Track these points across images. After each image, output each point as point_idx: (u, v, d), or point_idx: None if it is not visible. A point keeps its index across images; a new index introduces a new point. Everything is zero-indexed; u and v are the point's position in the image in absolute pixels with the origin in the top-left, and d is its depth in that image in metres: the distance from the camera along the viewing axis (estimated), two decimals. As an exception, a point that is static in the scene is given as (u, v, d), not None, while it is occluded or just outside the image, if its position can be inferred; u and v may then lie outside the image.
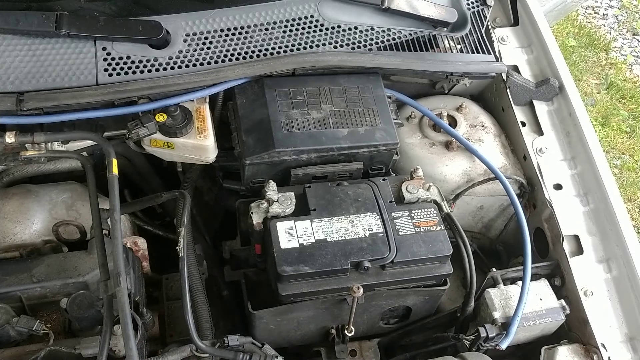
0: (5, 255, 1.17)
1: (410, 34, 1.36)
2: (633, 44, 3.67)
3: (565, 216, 1.29)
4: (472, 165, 1.36)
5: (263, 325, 1.13)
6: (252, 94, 1.24)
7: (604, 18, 3.81)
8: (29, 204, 1.21)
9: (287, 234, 1.08)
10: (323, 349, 1.22)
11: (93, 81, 1.13)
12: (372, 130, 1.23)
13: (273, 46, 1.24)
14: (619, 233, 1.24)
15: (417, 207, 1.15)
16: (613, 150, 3.04)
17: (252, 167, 1.19)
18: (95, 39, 1.15)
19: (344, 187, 1.18)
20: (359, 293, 1.05)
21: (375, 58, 1.29)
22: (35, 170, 1.31)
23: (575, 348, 1.18)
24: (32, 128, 1.13)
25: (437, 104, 1.47)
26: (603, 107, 3.22)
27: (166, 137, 1.16)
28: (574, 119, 1.39)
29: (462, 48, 1.42)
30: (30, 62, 1.12)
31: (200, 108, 1.21)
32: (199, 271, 1.17)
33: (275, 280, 1.08)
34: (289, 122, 1.20)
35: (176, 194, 1.18)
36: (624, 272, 1.22)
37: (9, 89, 1.10)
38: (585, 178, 1.34)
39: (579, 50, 3.53)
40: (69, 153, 1.20)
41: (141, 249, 1.23)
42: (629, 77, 3.46)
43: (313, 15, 1.29)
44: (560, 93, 1.45)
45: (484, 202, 1.40)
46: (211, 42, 1.21)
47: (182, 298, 1.03)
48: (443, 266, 1.13)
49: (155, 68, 1.17)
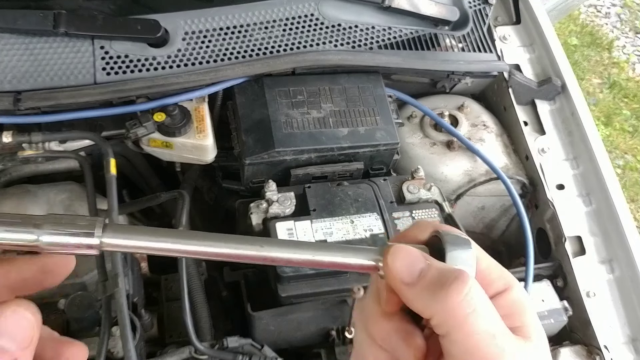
0: (2, 257, 1.16)
1: (411, 32, 1.35)
2: (636, 43, 3.66)
3: (568, 217, 1.28)
4: (473, 165, 1.35)
5: (263, 327, 1.12)
6: (251, 93, 1.23)
7: (606, 17, 3.80)
8: (26, 204, 1.20)
9: (287, 235, 1.07)
10: (323, 350, 1.21)
11: (91, 80, 1.12)
12: (373, 130, 1.22)
13: (273, 45, 1.23)
14: (621, 234, 1.23)
15: (418, 208, 1.15)
16: (616, 150, 3.03)
17: (251, 167, 1.18)
18: (93, 38, 1.15)
19: (344, 187, 1.17)
20: (360, 294, 1.04)
21: (375, 57, 1.28)
22: (33, 170, 1.30)
23: (578, 349, 1.17)
24: (30, 127, 1.13)
25: (438, 104, 1.46)
26: (605, 106, 3.22)
27: (165, 136, 1.15)
28: (577, 119, 1.38)
29: (464, 47, 1.41)
30: (28, 61, 1.11)
31: (199, 107, 1.20)
32: (198, 272, 1.16)
33: (274, 281, 1.07)
34: (288, 121, 1.19)
35: (175, 194, 1.18)
36: (626, 273, 1.21)
37: (7, 88, 1.09)
38: (588, 178, 1.33)
39: (581, 49, 3.52)
40: (67, 153, 1.19)
41: (140, 250, 1.22)
42: (631, 76, 3.45)
43: (313, 13, 1.28)
44: (562, 92, 1.44)
45: (486, 202, 1.39)
46: (210, 40, 1.20)
47: (181, 299, 1.03)
48: (444, 267, 1.12)
49: (153, 67, 1.16)
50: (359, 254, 0.42)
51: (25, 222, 0.37)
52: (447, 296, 0.39)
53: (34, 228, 0.37)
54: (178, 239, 0.39)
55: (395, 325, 0.42)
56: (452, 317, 0.39)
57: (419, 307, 0.40)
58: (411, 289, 0.40)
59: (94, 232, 0.37)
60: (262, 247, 0.40)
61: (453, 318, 0.38)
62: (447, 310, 0.39)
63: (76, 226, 0.37)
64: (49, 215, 0.38)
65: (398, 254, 0.41)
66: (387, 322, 0.42)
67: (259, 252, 0.40)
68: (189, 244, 0.39)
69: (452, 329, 0.38)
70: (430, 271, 0.40)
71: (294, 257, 0.41)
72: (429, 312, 0.40)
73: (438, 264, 0.41)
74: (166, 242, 0.38)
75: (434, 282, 0.40)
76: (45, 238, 0.37)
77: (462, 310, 0.38)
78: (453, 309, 0.38)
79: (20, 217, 0.38)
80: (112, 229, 0.38)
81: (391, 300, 0.42)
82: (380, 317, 0.43)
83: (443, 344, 0.40)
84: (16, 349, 0.34)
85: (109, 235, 0.37)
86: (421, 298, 0.40)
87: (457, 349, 0.39)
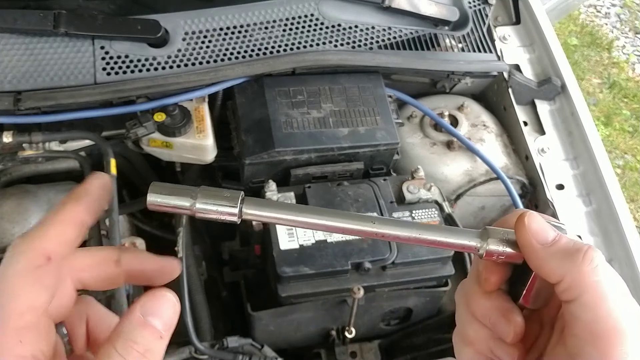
0: (3, 256, 1.16)
1: (411, 32, 1.35)
2: (635, 43, 3.66)
3: (568, 217, 1.28)
4: (473, 165, 1.35)
5: (263, 327, 1.12)
6: (251, 93, 1.23)
7: (606, 17, 3.80)
8: (26, 204, 1.20)
9: (287, 235, 1.07)
10: (323, 350, 1.22)
11: (91, 80, 1.12)
12: (373, 130, 1.22)
13: (273, 45, 1.23)
14: (621, 234, 1.23)
15: (418, 208, 1.15)
16: (615, 150, 3.03)
17: (251, 167, 1.18)
18: (93, 38, 1.15)
19: (344, 187, 1.17)
20: (360, 294, 1.05)
21: (375, 57, 1.28)
22: (33, 170, 1.30)
23: (578, 350, 1.17)
24: (30, 128, 1.13)
25: (438, 104, 1.46)
26: (605, 106, 3.22)
27: (165, 136, 1.15)
28: (576, 119, 1.38)
29: (464, 47, 1.41)
30: (28, 61, 1.11)
31: (199, 107, 1.20)
32: (198, 272, 1.16)
33: (275, 281, 1.07)
34: (288, 121, 1.19)
35: (175, 194, 1.17)
36: (626, 272, 1.21)
37: (7, 88, 1.09)
38: (588, 178, 1.33)
39: (581, 49, 3.52)
40: (67, 153, 1.19)
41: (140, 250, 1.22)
42: (631, 76, 3.45)
43: (313, 13, 1.28)
44: (562, 92, 1.44)
45: (486, 202, 1.39)
46: (210, 40, 1.20)
47: (180, 299, 1.02)
48: (444, 267, 1.12)
49: (154, 67, 1.16)
50: (462, 236, 0.46)
51: (185, 192, 0.46)
52: (582, 260, 0.41)
53: (190, 198, 0.45)
54: (301, 213, 0.46)
55: (495, 303, 0.45)
56: (584, 281, 0.40)
57: (551, 268, 0.42)
58: (545, 250, 0.42)
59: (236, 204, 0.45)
60: (373, 224, 0.46)
61: (586, 282, 0.40)
62: (581, 272, 0.40)
63: (222, 198, 0.45)
64: (202, 187, 0.46)
65: (535, 217, 0.43)
66: (487, 300, 0.45)
67: (372, 228, 0.46)
68: (310, 217, 0.46)
69: (585, 292, 0.40)
70: (563, 239, 0.43)
71: (402, 234, 0.46)
72: (560, 274, 0.41)
73: (567, 236, 0.44)
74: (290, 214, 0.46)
75: (567, 248, 0.42)
76: (198, 205, 0.45)
77: (595, 275, 0.40)
78: (587, 272, 0.40)
79: (182, 187, 0.46)
80: (249, 202, 0.45)
81: (490, 280, 0.45)
82: (480, 295, 0.46)
83: (571, 309, 0.41)
84: (163, 329, 0.39)
85: (247, 207, 0.45)
86: (554, 259, 0.42)
87: (588, 313, 0.40)
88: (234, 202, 0.45)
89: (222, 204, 0.45)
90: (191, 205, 0.45)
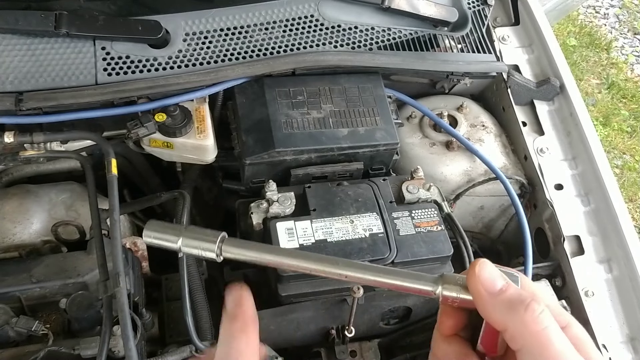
0: (5, 256, 1.16)
1: (410, 33, 1.36)
2: (634, 44, 3.66)
3: (566, 216, 1.28)
4: (472, 165, 1.36)
5: (263, 326, 1.13)
6: (252, 93, 1.23)
7: (605, 17, 3.81)
8: (28, 204, 1.21)
9: (287, 234, 1.08)
10: (323, 349, 1.22)
11: (92, 81, 1.13)
12: (373, 130, 1.22)
13: (273, 46, 1.24)
14: (620, 233, 1.23)
15: (418, 207, 1.15)
16: (614, 150, 3.04)
17: (251, 167, 1.19)
18: (94, 39, 1.15)
19: (344, 187, 1.18)
20: (359, 293, 1.05)
21: (375, 58, 1.29)
22: (34, 171, 1.31)
23: (577, 349, 1.17)
24: (32, 128, 1.13)
25: (437, 104, 1.47)
26: (604, 107, 3.22)
27: (165, 137, 1.15)
28: (575, 119, 1.39)
29: (463, 48, 1.42)
30: (30, 62, 1.12)
31: (200, 108, 1.20)
32: (199, 271, 1.16)
33: (275, 281, 1.07)
34: (288, 122, 1.20)
35: (176, 194, 1.18)
36: (625, 272, 1.21)
37: (8, 88, 1.09)
38: (586, 178, 1.33)
39: (580, 49, 3.53)
40: (68, 153, 1.19)
41: (140, 249, 1.23)
42: (630, 76, 3.46)
43: (313, 14, 1.29)
44: (561, 93, 1.44)
45: (485, 202, 1.39)
46: (211, 41, 1.21)
47: (181, 298, 1.03)
48: (444, 267, 1.13)
49: (154, 68, 1.16)
50: (419, 280, 0.49)
51: (174, 232, 0.53)
52: (525, 311, 0.43)
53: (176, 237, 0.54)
54: (276, 255, 0.54)
55: (454, 348, 0.48)
56: (528, 331, 0.42)
57: (497, 317, 0.44)
58: (492, 299, 0.44)
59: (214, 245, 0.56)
60: (338, 266, 0.51)
61: (529, 332, 0.42)
62: (524, 323, 0.43)
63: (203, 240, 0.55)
64: (188, 228, 0.55)
65: (485, 266, 0.46)
66: (448, 345, 0.48)
67: (337, 269, 0.51)
68: (282, 258, 0.54)
69: (528, 342, 0.42)
70: (510, 289, 0.45)
71: (364, 277, 0.50)
72: (504, 324, 0.44)
73: (515, 286, 0.46)
74: (266, 255, 0.54)
75: (513, 298, 0.44)
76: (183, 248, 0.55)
77: (538, 325, 0.42)
78: (530, 322, 0.42)
79: (171, 227, 0.54)
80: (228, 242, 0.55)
81: (445, 323, 0.49)
82: (442, 340, 0.49)
83: (519, 357, 0.43)
84: None
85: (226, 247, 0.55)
86: (500, 310, 0.44)
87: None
88: (213, 243, 0.53)
89: (202, 247, 0.54)
90: (178, 248, 0.53)
